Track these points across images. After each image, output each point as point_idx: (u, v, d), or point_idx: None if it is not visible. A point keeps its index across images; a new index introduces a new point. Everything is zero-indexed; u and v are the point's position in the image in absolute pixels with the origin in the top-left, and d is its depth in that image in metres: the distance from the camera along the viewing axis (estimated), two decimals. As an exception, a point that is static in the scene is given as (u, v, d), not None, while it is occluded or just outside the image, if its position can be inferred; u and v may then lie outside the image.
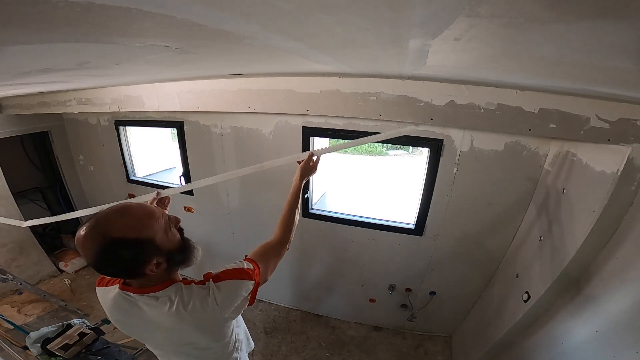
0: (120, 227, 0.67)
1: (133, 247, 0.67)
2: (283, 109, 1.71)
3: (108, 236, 0.65)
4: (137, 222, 0.69)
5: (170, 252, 0.76)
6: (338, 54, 0.90)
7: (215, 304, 0.78)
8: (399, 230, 2.22)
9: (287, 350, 2.58)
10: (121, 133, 2.91)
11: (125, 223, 0.68)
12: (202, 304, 0.77)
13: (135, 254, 0.68)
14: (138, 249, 0.68)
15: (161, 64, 1.03)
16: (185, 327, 0.80)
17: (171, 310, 0.76)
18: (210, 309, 0.78)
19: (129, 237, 0.67)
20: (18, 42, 0.55)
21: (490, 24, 0.46)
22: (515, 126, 1.38)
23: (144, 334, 0.87)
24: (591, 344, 1.28)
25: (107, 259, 0.67)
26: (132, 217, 0.70)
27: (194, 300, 0.77)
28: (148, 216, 0.72)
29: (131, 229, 0.68)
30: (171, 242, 0.76)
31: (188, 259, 0.82)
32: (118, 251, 0.66)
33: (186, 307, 0.76)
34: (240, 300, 0.84)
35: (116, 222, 0.67)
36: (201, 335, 0.83)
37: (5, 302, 2.89)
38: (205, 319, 0.80)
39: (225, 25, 0.53)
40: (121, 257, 0.67)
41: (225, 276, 0.84)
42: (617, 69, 0.64)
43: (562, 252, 1.42)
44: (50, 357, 1.80)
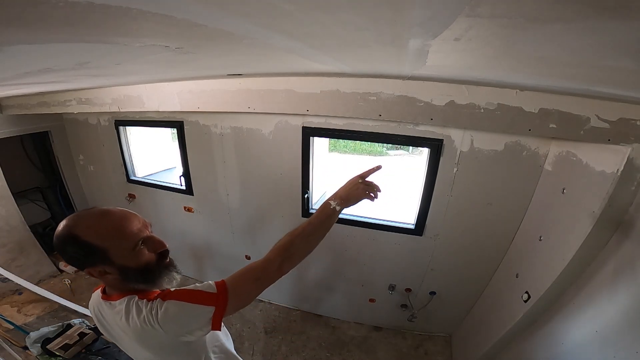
0: (84, 226, 0.71)
1: (80, 248, 0.70)
2: (283, 109, 1.71)
3: (69, 229, 0.70)
4: (100, 230, 0.71)
5: (126, 268, 0.74)
6: (338, 54, 0.90)
7: (155, 322, 0.71)
8: (399, 230, 2.22)
9: (287, 350, 2.58)
10: (121, 133, 2.91)
11: (90, 225, 0.71)
12: (140, 321, 0.72)
13: (79, 255, 0.71)
14: (86, 251, 0.70)
15: (161, 64, 1.03)
16: (131, 341, 0.78)
17: (121, 321, 0.75)
18: (149, 327, 0.71)
19: (83, 238, 0.69)
20: (18, 42, 0.55)
21: (490, 24, 0.46)
22: (515, 126, 1.38)
23: (116, 339, 0.87)
24: (591, 344, 1.28)
25: (57, 246, 0.72)
26: (100, 224, 0.72)
27: (135, 315, 0.73)
28: (116, 229, 0.72)
29: (90, 233, 0.70)
30: (133, 261, 0.74)
31: (149, 281, 0.77)
32: (67, 245, 0.70)
33: (128, 320, 0.74)
34: (193, 326, 0.75)
35: (85, 221, 0.71)
36: (150, 352, 0.78)
37: (5, 302, 2.89)
38: (146, 336, 0.74)
39: (225, 25, 0.52)
40: (67, 251, 0.71)
41: (176, 296, 0.76)
42: (617, 69, 0.64)
43: (562, 252, 1.42)
44: (50, 357, 1.80)
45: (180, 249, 3.29)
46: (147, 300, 0.76)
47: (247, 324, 2.85)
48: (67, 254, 0.71)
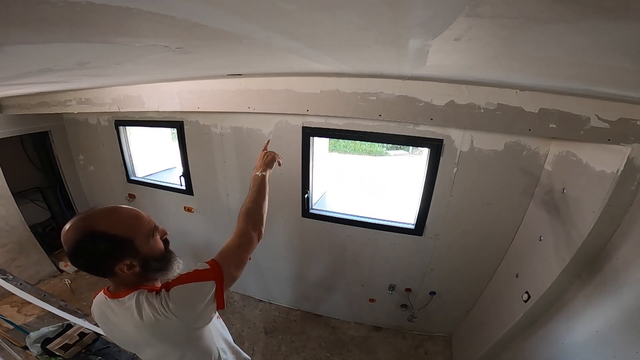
0: (104, 222, 0.71)
1: (110, 242, 0.70)
2: (283, 109, 1.71)
3: (90, 228, 0.69)
4: (121, 222, 0.73)
5: (147, 257, 0.77)
6: (338, 54, 0.90)
7: (168, 312, 0.73)
8: (399, 230, 2.22)
9: (287, 350, 2.58)
10: (121, 133, 2.91)
11: (109, 220, 0.72)
12: (154, 313, 0.74)
13: (110, 249, 0.71)
14: (115, 245, 0.71)
15: (161, 64, 1.03)
16: (145, 336, 0.78)
17: (133, 317, 0.76)
18: (163, 319, 0.73)
19: (110, 232, 0.70)
20: (18, 42, 0.55)
21: (491, 24, 0.46)
22: (515, 126, 1.38)
23: (120, 340, 0.88)
24: (591, 344, 1.28)
25: (82, 248, 0.69)
26: (118, 216, 0.74)
27: (148, 309, 0.74)
28: (133, 218, 0.75)
29: (114, 226, 0.71)
30: (151, 249, 0.78)
31: (165, 269, 0.82)
32: (95, 243, 0.69)
33: (142, 315, 0.75)
34: (201, 305, 0.77)
35: (103, 217, 0.72)
36: (166, 344, 0.80)
37: (5, 302, 2.89)
38: (162, 328, 0.76)
39: (225, 25, 0.52)
40: (96, 249, 0.70)
41: (178, 281, 0.79)
42: (617, 69, 0.64)
43: (562, 252, 1.42)
44: (50, 357, 1.80)
45: (180, 249, 3.26)
46: (155, 292, 0.77)
47: (247, 324, 2.85)
48: (94, 254, 0.70)
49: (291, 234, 2.57)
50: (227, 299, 3.15)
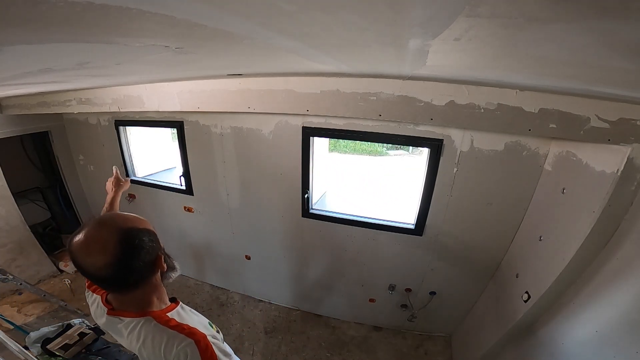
0: (127, 219, 0.69)
1: (149, 235, 0.70)
2: (283, 109, 1.71)
3: (122, 226, 0.66)
4: (138, 218, 0.73)
5: (164, 251, 0.78)
6: (338, 54, 0.90)
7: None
8: (399, 230, 2.22)
9: (287, 350, 2.58)
10: (121, 133, 2.91)
11: (128, 217, 0.70)
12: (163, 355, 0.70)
13: (152, 242, 0.70)
14: (151, 236, 0.71)
15: (161, 64, 1.03)
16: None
17: (137, 343, 0.75)
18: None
19: (140, 226, 0.69)
20: (18, 42, 0.55)
21: (491, 24, 0.46)
22: (515, 126, 1.38)
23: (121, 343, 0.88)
24: (591, 344, 1.28)
25: (131, 248, 0.66)
26: (131, 215, 0.72)
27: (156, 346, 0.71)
28: (136, 216, 0.74)
29: (137, 221, 0.71)
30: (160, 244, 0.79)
31: (173, 266, 0.83)
32: (140, 237, 0.67)
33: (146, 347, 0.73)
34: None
35: (121, 217, 0.70)
36: None
37: (5, 302, 2.89)
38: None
39: (225, 25, 0.52)
40: (144, 244, 0.68)
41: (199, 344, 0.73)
42: (617, 69, 0.64)
43: (562, 252, 1.42)
44: (50, 357, 1.79)
45: (180, 249, 3.29)
46: (168, 327, 0.74)
47: (247, 324, 2.85)
48: (145, 251, 0.68)
49: (291, 234, 2.57)
50: (227, 299, 3.15)
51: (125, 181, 1.42)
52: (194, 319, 0.87)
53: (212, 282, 3.35)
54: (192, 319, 0.86)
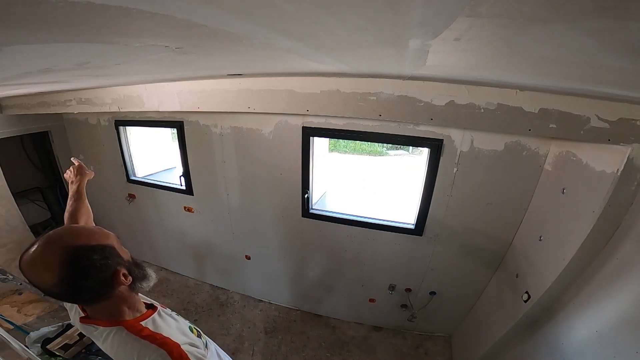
0: (77, 236, 0.65)
1: (100, 252, 0.65)
2: (283, 109, 1.71)
3: (69, 245, 0.62)
4: (91, 232, 0.68)
5: (129, 263, 0.74)
6: (338, 54, 0.90)
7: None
8: (399, 230, 2.22)
9: (287, 350, 2.58)
10: (121, 133, 2.91)
11: (80, 232, 0.66)
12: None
13: (106, 257, 0.66)
14: (107, 252, 0.67)
15: (161, 64, 1.03)
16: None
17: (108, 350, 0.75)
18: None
19: (91, 243, 0.65)
20: (18, 42, 0.55)
21: (491, 24, 0.46)
22: (515, 126, 1.38)
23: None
24: (591, 344, 1.28)
25: (78, 269, 0.62)
26: (84, 229, 0.68)
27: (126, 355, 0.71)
28: (99, 228, 0.71)
29: (89, 236, 0.66)
30: (126, 255, 0.75)
31: (145, 276, 0.79)
32: (88, 257, 0.64)
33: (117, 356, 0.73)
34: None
35: (71, 233, 0.65)
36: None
37: (5, 302, 2.89)
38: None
39: (225, 25, 0.52)
40: (93, 263, 0.64)
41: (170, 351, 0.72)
42: (617, 69, 0.64)
43: (562, 252, 1.42)
44: (50, 357, 1.79)
45: (180, 249, 3.29)
46: (140, 336, 0.73)
47: (247, 324, 2.85)
48: (95, 270, 0.65)
49: (291, 234, 2.57)
50: (227, 299, 3.15)
51: (90, 171, 1.38)
52: (172, 326, 0.85)
53: (212, 282, 3.35)
54: (170, 325, 0.85)
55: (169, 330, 0.81)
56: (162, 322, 0.83)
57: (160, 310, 0.89)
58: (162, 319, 0.85)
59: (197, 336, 0.91)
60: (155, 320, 0.83)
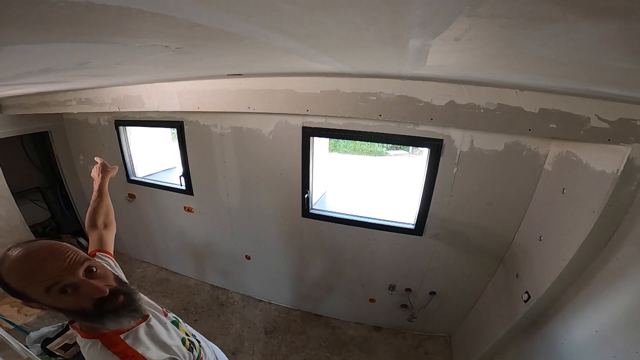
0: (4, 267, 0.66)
1: (7, 288, 0.66)
2: (283, 109, 1.71)
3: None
4: (15, 272, 0.66)
5: (58, 308, 0.70)
6: (338, 54, 0.90)
7: None
8: (399, 230, 2.22)
9: (287, 350, 2.58)
10: (121, 133, 2.91)
11: (8, 267, 0.66)
12: None
13: (8, 293, 0.67)
14: (10, 291, 0.67)
15: (161, 64, 1.03)
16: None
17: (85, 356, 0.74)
18: None
19: (4, 279, 0.66)
20: (18, 42, 0.55)
21: (491, 23, 0.46)
22: (515, 126, 1.38)
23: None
24: (591, 344, 1.28)
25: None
26: (15, 265, 0.66)
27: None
28: (27, 273, 0.66)
29: (9, 273, 0.66)
30: (60, 303, 0.68)
31: (89, 322, 0.73)
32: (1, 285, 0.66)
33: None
34: None
35: (6, 262, 0.66)
36: None
37: (5, 302, 2.89)
38: None
39: (225, 25, 0.52)
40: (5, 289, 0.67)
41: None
42: (617, 69, 0.64)
43: (562, 252, 1.42)
44: (50, 357, 1.79)
45: (180, 249, 3.29)
46: (112, 352, 0.72)
47: (247, 324, 2.85)
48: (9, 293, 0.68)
49: (291, 234, 2.57)
50: (227, 299, 3.16)
51: (113, 168, 1.41)
52: (157, 338, 0.82)
53: (212, 282, 3.35)
54: (155, 338, 0.82)
55: (149, 344, 0.78)
56: (144, 336, 0.80)
57: (152, 319, 0.86)
58: (148, 330, 0.82)
59: (188, 349, 0.88)
60: (138, 332, 0.79)
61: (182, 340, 0.89)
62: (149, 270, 3.59)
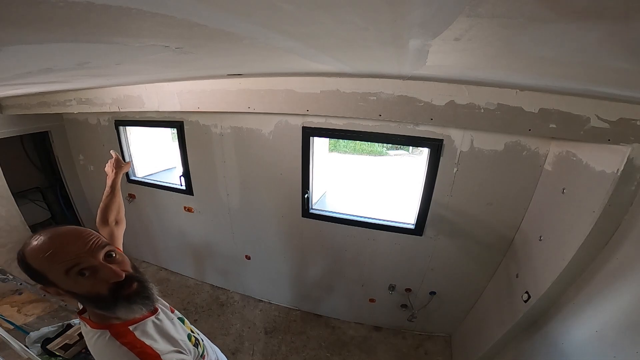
0: (30, 248, 0.69)
1: (27, 269, 0.70)
2: (283, 109, 1.71)
3: (22, 248, 0.71)
4: (39, 253, 0.69)
5: (74, 293, 0.71)
6: (338, 54, 0.90)
7: None
8: (399, 230, 2.22)
9: (287, 350, 2.58)
10: (121, 133, 2.91)
11: (33, 247, 0.69)
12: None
13: (27, 274, 0.70)
14: (30, 272, 0.70)
15: (161, 64, 1.03)
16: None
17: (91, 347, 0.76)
18: None
19: (27, 260, 0.69)
20: (18, 42, 0.55)
21: (491, 23, 0.46)
22: (515, 126, 1.38)
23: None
24: (591, 344, 1.28)
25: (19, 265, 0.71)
26: (41, 246, 0.69)
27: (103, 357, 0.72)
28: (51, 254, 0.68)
29: (33, 255, 0.69)
30: (76, 287, 0.70)
31: (102, 309, 0.73)
32: (18, 263, 0.71)
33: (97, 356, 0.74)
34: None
35: (33, 242, 0.70)
36: None
37: (5, 302, 2.89)
38: None
39: (225, 25, 0.52)
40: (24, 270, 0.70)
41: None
42: (617, 69, 0.64)
43: (562, 252, 1.42)
44: (50, 357, 1.79)
45: (180, 249, 3.29)
46: (120, 342, 0.72)
47: (247, 324, 2.85)
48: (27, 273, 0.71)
49: (291, 234, 2.57)
50: (227, 299, 3.16)
51: (127, 163, 1.41)
52: (164, 332, 0.83)
53: (212, 282, 3.35)
54: (163, 331, 0.82)
55: (156, 337, 0.79)
56: (152, 329, 0.81)
57: (160, 314, 0.87)
58: (156, 324, 0.83)
59: (193, 345, 0.89)
60: (146, 325, 0.80)
61: (188, 336, 0.90)
62: (149, 270, 3.59)
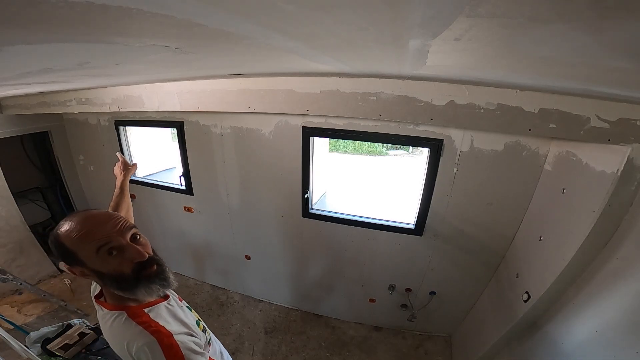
0: (63, 227, 0.73)
1: (58, 247, 0.73)
2: (283, 109, 1.71)
3: (57, 228, 0.75)
4: (72, 232, 0.72)
5: (100, 273, 0.74)
6: (338, 54, 0.90)
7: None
8: (399, 230, 2.22)
9: (287, 350, 2.58)
10: (121, 133, 2.91)
11: (67, 227, 0.73)
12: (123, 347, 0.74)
13: (58, 253, 0.74)
14: (61, 251, 0.73)
15: (161, 64, 1.03)
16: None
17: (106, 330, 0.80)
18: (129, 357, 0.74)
19: (60, 239, 0.73)
20: (18, 42, 0.55)
21: (491, 23, 0.46)
22: (515, 126, 1.38)
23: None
24: (591, 344, 1.28)
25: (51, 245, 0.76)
26: (74, 226, 0.73)
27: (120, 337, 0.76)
28: (83, 233, 0.71)
29: (66, 234, 0.73)
30: (103, 266, 0.73)
31: (124, 290, 0.76)
32: (51, 242, 0.75)
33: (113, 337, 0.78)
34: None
35: (66, 222, 0.74)
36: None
37: (5, 302, 2.89)
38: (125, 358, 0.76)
39: (225, 25, 0.52)
40: (55, 249, 0.74)
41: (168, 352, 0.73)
42: (617, 69, 0.64)
43: (562, 252, 1.42)
44: (50, 357, 1.79)
45: (180, 249, 3.29)
46: (136, 322, 0.76)
47: (247, 324, 2.85)
48: (52, 250, 0.75)
49: (291, 234, 2.57)
50: (227, 299, 3.16)
51: (133, 165, 1.49)
52: (177, 316, 0.87)
53: (212, 282, 3.35)
54: (174, 315, 0.86)
55: (169, 319, 0.83)
56: (165, 312, 0.85)
57: (172, 300, 0.92)
58: (169, 308, 0.87)
59: (202, 331, 0.94)
60: (160, 308, 0.84)
61: (196, 322, 0.95)
62: (149, 270, 3.59)
